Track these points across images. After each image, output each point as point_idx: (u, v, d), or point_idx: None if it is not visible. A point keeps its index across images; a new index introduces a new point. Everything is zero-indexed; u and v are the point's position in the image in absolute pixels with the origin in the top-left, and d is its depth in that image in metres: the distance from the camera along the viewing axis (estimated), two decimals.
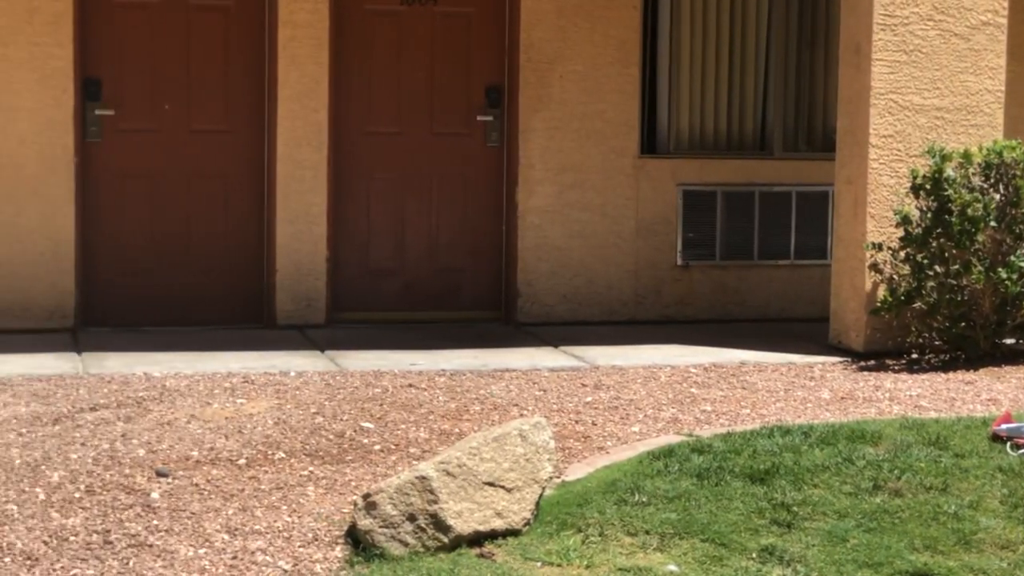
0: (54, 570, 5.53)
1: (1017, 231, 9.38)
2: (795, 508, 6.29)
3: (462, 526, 5.85)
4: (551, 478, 6.29)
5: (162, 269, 10.55)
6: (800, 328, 10.79)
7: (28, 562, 5.60)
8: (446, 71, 10.89)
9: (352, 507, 6.10)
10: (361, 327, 10.58)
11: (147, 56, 10.45)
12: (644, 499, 6.30)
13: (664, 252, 11.15)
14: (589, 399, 8.39)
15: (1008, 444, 7.08)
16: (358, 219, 10.83)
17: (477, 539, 5.88)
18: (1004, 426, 7.23)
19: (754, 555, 5.90)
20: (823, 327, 10.18)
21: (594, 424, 7.79)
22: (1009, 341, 9.65)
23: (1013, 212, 9.37)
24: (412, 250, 10.94)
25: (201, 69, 10.52)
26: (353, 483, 6.61)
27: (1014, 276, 9.28)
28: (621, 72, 10.99)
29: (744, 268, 11.32)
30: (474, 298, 11.03)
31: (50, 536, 5.86)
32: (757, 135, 11.46)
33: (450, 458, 5.96)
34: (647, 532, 6.00)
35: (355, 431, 7.46)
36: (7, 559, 5.62)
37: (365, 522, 5.82)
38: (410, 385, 8.61)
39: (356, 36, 10.74)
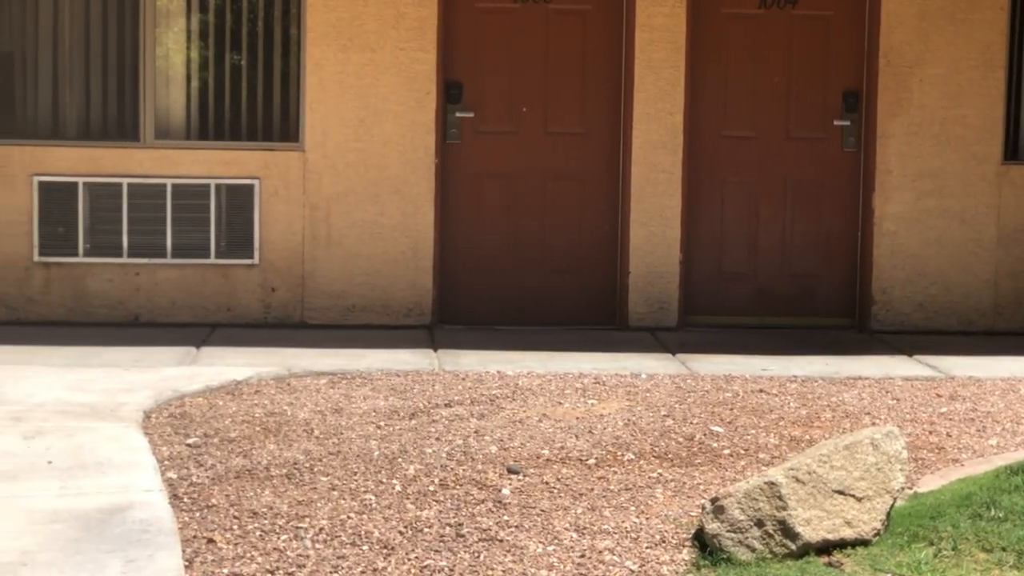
0: (408, 559, 5.68)
1: None
2: None
3: (810, 534, 5.79)
4: (903, 489, 6.16)
5: (516, 269, 10.73)
6: None
7: (384, 551, 5.76)
8: (802, 75, 10.78)
9: (700, 510, 6.09)
10: (712, 331, 10.56)
11: (505, 60, 10.64)
12: (1000, 515, 6.12)
13: None
14: (944, 410, 8.19)
15: None
16: (711, 222, 10.82)
17: (825, 547, 5.81)
18: None
19: None
20: None
21: (948, 435, 7.61)
22: None
23: None
24: (764, 254, 10.87)
25: (558, 72, 10.67)
26: (701, 486, 6.61)
27: None
28: (985, 76, 10.69)
29: None
30: (826, 304, 10.89)
31: (405, 527, 6.02)
32: None
33: (800, 465, 5.90)
34: (1003, 549, 5.83)
35: (704, 435, 7.46)
36: (365, 547, 5.80)
37: (712, 526, 5.81)
38: (760, 390, 8.55)
39: (712, 39, 10.72)
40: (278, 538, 5.87)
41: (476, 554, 5.76)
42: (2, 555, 5.55)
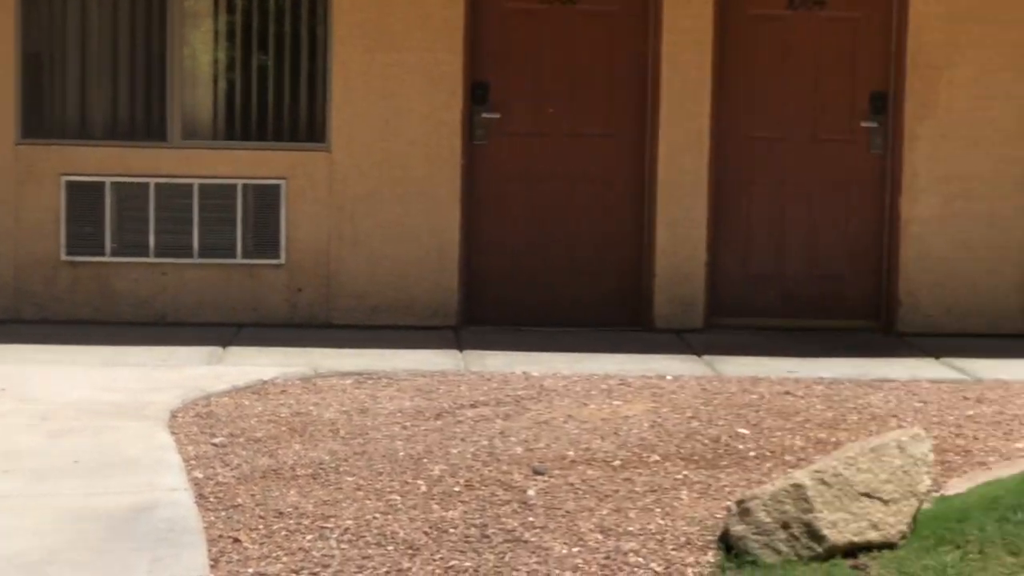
0: (433, 560, 5.68)
1: None
2: None
3: (836, 536, 5.77)
4: (929, 492, 6.14)
5: (542, 270, 10.72)
6: None
7: (409, 551, 5.77)
8: (830, 77, 10.75)
9: (725, 513, 6.08)
10: (738, 332, 10.53)
11: (532, 61, 10.64)
12: None
13: None
14: (971, 412, 8.16)
15: None
16: (737, 224, 10.79)
17: (851, 550, 5.79)
18: None
19: None
20: None
21: (975, 438, 7.58)
22: None
23: None
24: (791, 256, 10.84)
25: (584, 74, 10.66)
26: (727, 488, 6.60)
27: None
28: (1015, 78, 10.64)
29: None
30: (853, 307, 10.85)
31: (430, 527, 6.02)
32: None
33: (826, 467, 5.89)
34: None
35: (730, 437, 7.44)
36: (390, 547, 5.80)
37: (738, 528, 5.80)
38: (787, 392, 8.53)
39: (739, 41, 10.69)
40: (303, 538, 5.87)
41: (501, 555, 5.75)
42: (29, 554, 5.57)
